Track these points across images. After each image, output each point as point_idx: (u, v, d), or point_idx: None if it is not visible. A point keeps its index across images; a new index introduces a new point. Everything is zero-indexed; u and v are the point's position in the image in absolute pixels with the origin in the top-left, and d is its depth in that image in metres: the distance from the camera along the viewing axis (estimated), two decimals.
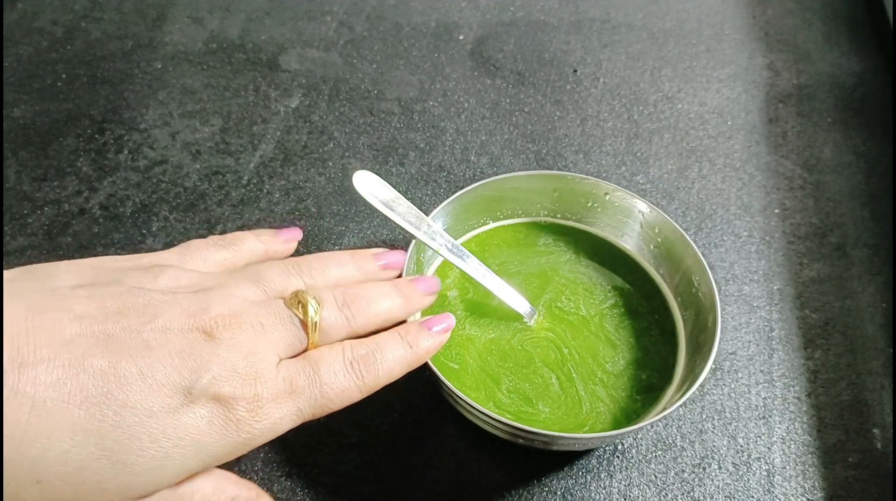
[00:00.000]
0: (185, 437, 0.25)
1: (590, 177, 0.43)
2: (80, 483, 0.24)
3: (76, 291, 0.26)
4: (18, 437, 0.23)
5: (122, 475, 0.25)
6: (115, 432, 0.24)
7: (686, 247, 0.40)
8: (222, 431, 0.26)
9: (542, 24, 0.62)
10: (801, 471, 0.38)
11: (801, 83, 0.58)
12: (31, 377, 0.23)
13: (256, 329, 0.28)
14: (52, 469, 0.24)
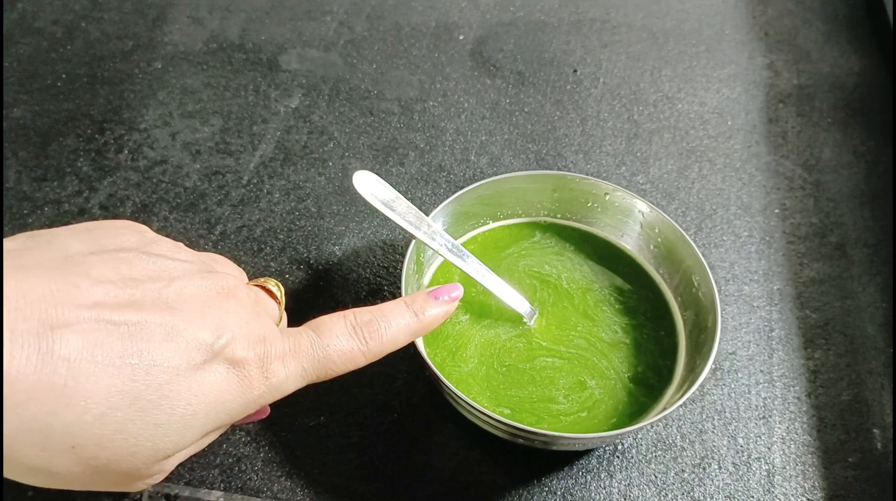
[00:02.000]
0: (209, 394, 0.26)
1: (590, 177, 0.43)
2: (114, 446, 0.24)
3: (89, 257, 0.26)
4: (54, 401, 0.23)
5: (155, 436, 0.25)
6: (148, 391, 0.24)
7: (686, 247, 0.40)
8: (237, 389, 0.27)
9: (542, 24, 0.62)
10: (801, 471, 0.38)
11: (801, 83, 0.58)
12: (64, 340, 0.23)
13: (258, 295, 0.31)
14: (88, 434, 0.23)
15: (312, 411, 0.39)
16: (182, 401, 0.25)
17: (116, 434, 0.24)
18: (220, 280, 0.28)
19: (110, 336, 0.24)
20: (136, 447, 0.25)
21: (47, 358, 0.22)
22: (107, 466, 0.25)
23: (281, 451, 0.38)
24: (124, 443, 0.24)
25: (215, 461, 0.37)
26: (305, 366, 0.29)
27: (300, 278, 0.44)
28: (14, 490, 0.35)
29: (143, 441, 0.25)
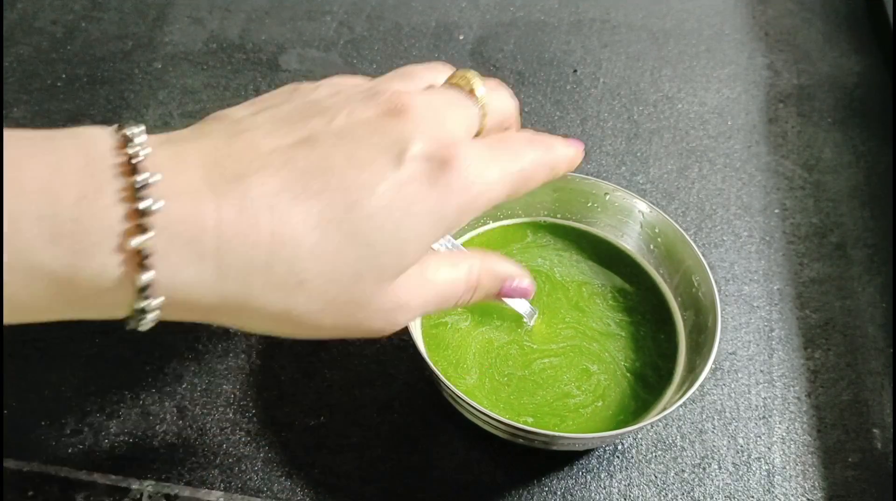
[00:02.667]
0: (411, 205, 0.26)
1: (589, 177, 0.43)
2: (338, 275, 0.25)
3: (255, 117, 0.27)
4: (268, 242, 0.23)
5: (370, 257, 0.25)
6: (349, 214, 0.25)
7: (686, 247, 0.40)
8: (440, 194, 0.26)
9: (542, 24, 0.62)
10: (801, 471, 0.38)
11: (801, 83, 0.58)
12: (257, 186, 0.24)
13: (446, 99, 0.29)
14: (308, 267, 0.24)
15: (312, 411, 0.39)
16: (386, 217, 0.25)
17: (334, 263, 0.25)
18: (387, 99, 0.27)
19: (297, 173, 0.24)
20: (357, 271, 0.25)
21: (248, 206, 0.23)
22: (337, 298, 0.25)
23: (281, 451, 0.38)
24: (346, 269, 0.25)
25: (215, 461, 0.37)
26: (506, 169, 0.28)
27: None
28: (14, 491, 0.36)
29: (363, 264, 0.25)
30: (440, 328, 0.40)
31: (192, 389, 0.40)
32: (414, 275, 0.28)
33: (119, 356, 0.40)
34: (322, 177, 0.25)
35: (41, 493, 0.35)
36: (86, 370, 0.40)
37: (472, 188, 0.27)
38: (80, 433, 0.38)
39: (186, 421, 0.38)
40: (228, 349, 0.41)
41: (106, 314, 0.23)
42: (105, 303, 0.23)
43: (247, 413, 0.39)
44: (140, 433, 0.38)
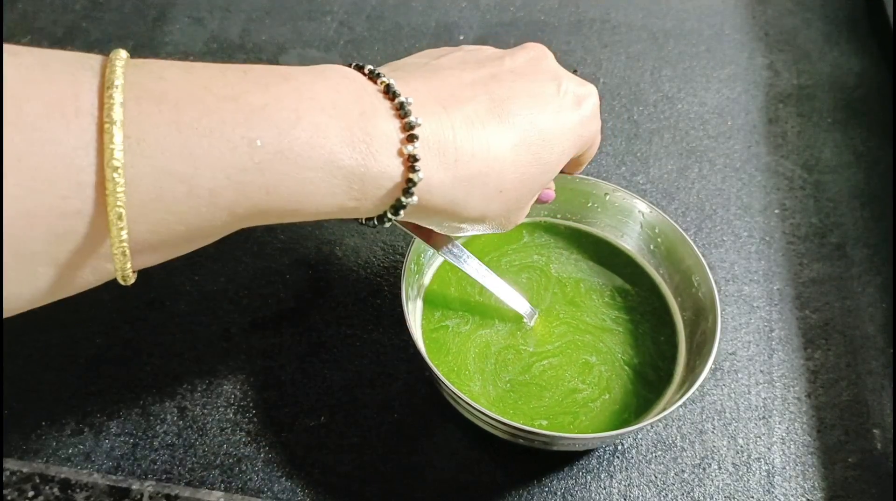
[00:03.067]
0: (568, 132, 0.32)
1: (589, 177, 0.43)
2: (523, 185, 0.31)
3: (441, 60, 0.32)
4: (484, 159, 0.29)
5: (543, 173, 0.31)
6: (536, 138, 0.30)
7: (686, 247, 0.40)
8: (580, 121, 0.33)
9: (542, 24, 0.62)
10: (801, 472, 0.38)
11: (800, 83, 0.58)
12: (471, 109, 0.29)
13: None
14: (509, 179, 0.30)
15: (313, 411, 0.39)
16: (555, 140, 0.31)
17: (523, 176, 0.30)
18: (530, 48, 0.34)
19: (497, 101, 0.30)
20: (533, 183, 0.31)
21: (470, 123, 0.28)
22: (518, 202, 0.31)
23: (281, 451, 0.38)
24: (530, 182, 0.31)
25: (216, 461, 0.37)
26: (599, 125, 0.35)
27: (301, 278, 0.44)
28: (14, 491, 0.36)
29: (537, 177, 0.31)
30: (441, 331, 0.40)
31: (193, 389, 0.40)
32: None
33: (119, 356, 0.40)
34: (515, 103, 0.30)
35: (41, 493, 0.35)
36: (86, 370, 0.40)
37: (594, 123, 0.34)
38: (81, 433, 0.38)
39: (187, 421, 0.38)
40: (229, 350, 0.41)
41: (372, 208, 0.28)
42: (377, 197, 0.27)
43: (247, 414, 0.39)
44: (140, 433, 0.38)
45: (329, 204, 0.26)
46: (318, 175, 0.25)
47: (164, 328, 0.42)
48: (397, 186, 0.27)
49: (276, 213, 0.25)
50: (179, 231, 0.24)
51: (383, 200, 0.27)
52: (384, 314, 0.43)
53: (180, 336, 0.42)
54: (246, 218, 0.25)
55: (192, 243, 0.26)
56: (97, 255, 0.23)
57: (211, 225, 0.24)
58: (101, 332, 0.41)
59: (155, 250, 0.25)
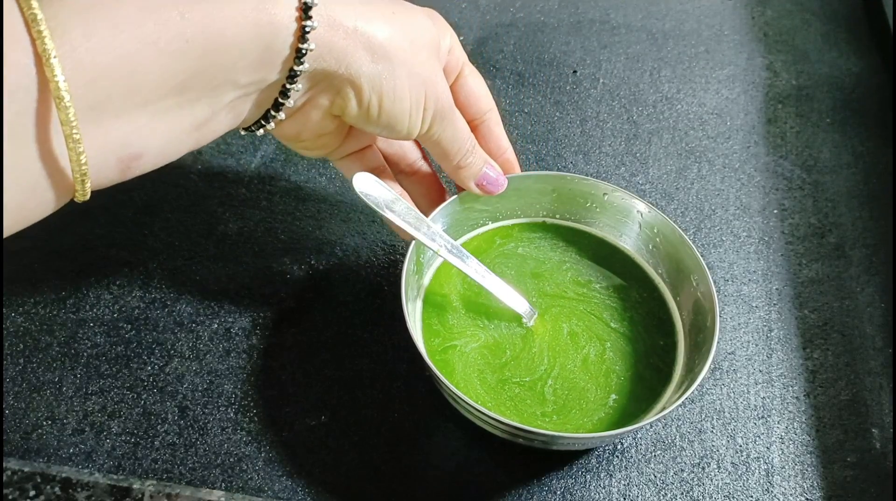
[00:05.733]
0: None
1: (588, 177, 0.43)
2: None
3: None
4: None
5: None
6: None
7: (685, 247, 0.40)
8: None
9: (542, 25, 0.62)
10: (800, 471, 0.38)
11: (799, 84, 0.58)
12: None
13: None
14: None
15: (313, 410, 0.39)
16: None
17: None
18: None
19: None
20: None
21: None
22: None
23: (282, 451, 0.38)
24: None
25: (216, 460, 0.37)
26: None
27: (301, 278, 0.45)
28: (15, 490, 0.36)
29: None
30: (449, 352, 0.40)
31: (194, 389, 0.40)
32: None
33: (120, 356, 0.41)
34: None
35: (42, 493, 0.36)
36: (86, 370, 0.40)
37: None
38: (82, 432, 0.38)
39: (188, 421, 0.39)
40: (230, 349, 0.41)
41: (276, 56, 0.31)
42: (277, 39, 0.30)
43: (248, 413, 0.39)
44: (141, 432, 0.38)
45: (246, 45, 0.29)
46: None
47: (165, 328, 0.42)
48: (294, 24, 0.30)
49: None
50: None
51: (285, 44, 0.30)
52: (384, 314, 0.43)
53: (181, 336, 0.42)
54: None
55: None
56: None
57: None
58: (101, 332, 0.41)
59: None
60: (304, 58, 0.31)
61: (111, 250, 0.45)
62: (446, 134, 0.38)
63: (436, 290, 0.42)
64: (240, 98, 0.31)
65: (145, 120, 0.28)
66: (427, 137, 0.37)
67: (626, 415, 0.37)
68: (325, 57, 0.32)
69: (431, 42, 0.36)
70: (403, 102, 0.35)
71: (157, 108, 0.28)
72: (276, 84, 0.32)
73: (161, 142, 0.30)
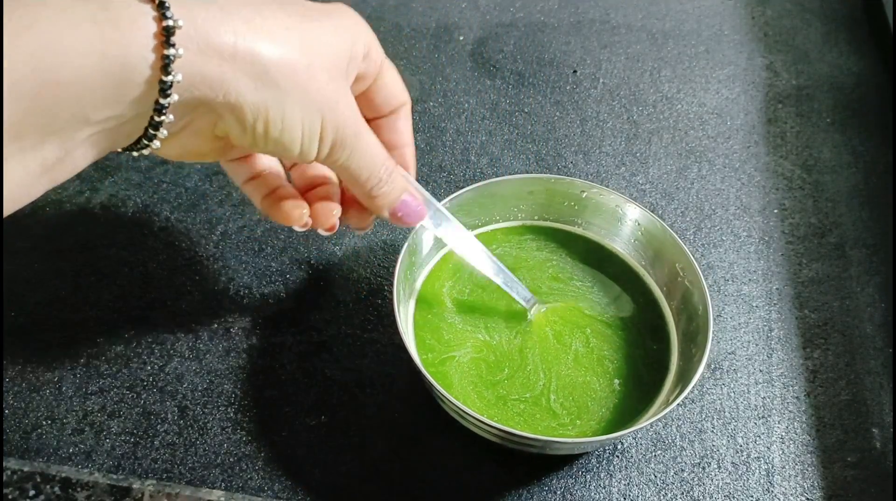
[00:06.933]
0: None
1: (565, 177, 0.43)
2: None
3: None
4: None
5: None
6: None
7: (665, 235, 0.41)
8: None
9: (542, 24, 0.62)
10: (801, 471, 0.38)
11: (799, 84, 0.58)
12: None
13: None
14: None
15: (313, 410, 0.39)
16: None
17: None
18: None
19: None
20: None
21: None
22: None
23: (282, 451, 0.38)
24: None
25: (216, 460, 0.37)
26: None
27: (301, 278, 0.45)
28: (15, 490, 0.36)
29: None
30: (446, 364, 0.39)
31: (194, 389, 0.40)
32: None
33: (120, 356, 0.41)
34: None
35: (42, 493, 0.36)
36: (86, 369, 0.40)
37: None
38: (82, 432, 0.38)
39: (187, 421, 0.38)
40: (229, 349, 0.41)
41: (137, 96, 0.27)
42: (135, 72, 0.26)
43: (248, 413, 0.39)
44: (141, 432, 0.38)
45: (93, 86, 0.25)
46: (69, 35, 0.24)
47: (165, 328, 0.42)
48: (155, 49, 0.26)
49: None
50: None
51: (144, 78, 0.26)
52: (384, 314, 0.43)
53: (181, 336, 0.42)
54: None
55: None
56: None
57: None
58: (101, 332, 0.41)
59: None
60: (169, 90, 0.27)
61: (111, 250, 0.45)
62: (352, 162, 0.33)
63: (429, 291, 0.42)
64: (99, 133, 0.27)
65: None
66: (329, 163, 0.33)
67: (624, 416, 0.37)
68: (198, 86, 0.27)
69: (336, 59, 0.31)
70: (294, 132, 0.30)
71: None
72: (143, 116, 0.28)
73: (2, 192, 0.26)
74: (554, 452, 0.37)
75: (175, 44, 0.26)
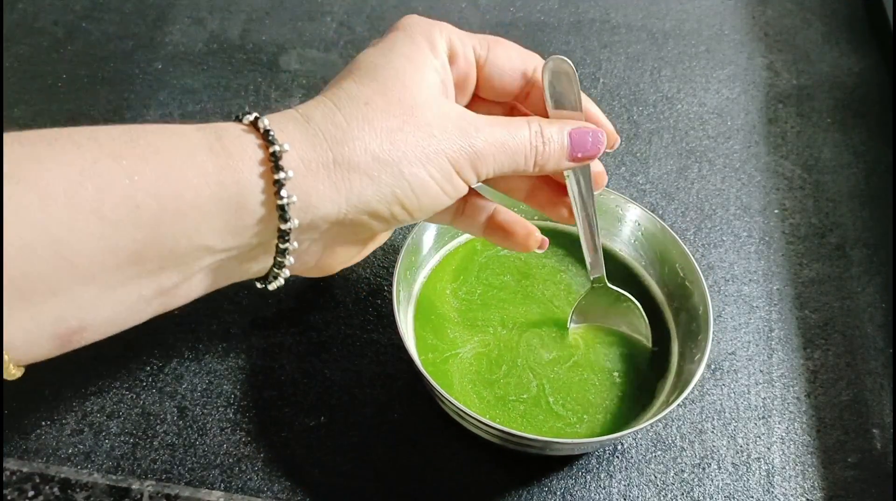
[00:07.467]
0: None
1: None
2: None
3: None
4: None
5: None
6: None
7: (665, 235, 0.41)
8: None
9: (542, 24, 0.62)
10: (801, 471, 0.38)
11: (800, 84, 0.58)
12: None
13: None
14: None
15: (313, 411, 0.39)
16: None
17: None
18: None
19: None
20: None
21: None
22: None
23: (281, 451, 0.38)
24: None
25: (216, 461, 0.37)
26: None
27: (301, 278, 0.44)
28: (14, 491, 0.36)
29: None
30: (447, 363, 0.39)
31: (193, 389, 0.40)
32: None
33: (119, 356, 0.40)
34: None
35: (41, 493, 0.36)
36: (86, 370, 0.40)
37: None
38: (81, 433, 0.38)
39: (187, 421, 0.38)
40: (229, 349, 0.41)
41: (254, 238, 0.28)
42: (253, 217, 0.27)
43: (247, 413, 0.39)
44: (140, 433, 0.38)
45: (207, 240, 0.26)
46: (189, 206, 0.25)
47: (165, 328, 0.42)
48: (268, 200, 0.26)
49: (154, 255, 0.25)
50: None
51: (263, 223, 0.27)
52: (384, 314, 0.43)
53: (180, 336, 0.42)
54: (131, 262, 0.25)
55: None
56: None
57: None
58: None
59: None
60: (288, 214, 0.26)
61: None
62: (501, 162, 0.31)
63: (429, 293, 0.42)
64: (222, 262, 0.27)
65: (90, 295, 0.25)
66: (488, 180, 0.32)
67: (626, 414, 0.37)
68: (316, 205, 0.27)
69: (424, 88, 0.30)
70: (430, 189, 0.29)
71: (106, 282, 0.25)
72: (268, 244, 0.28)
73: (110, 314, 0.26)
74: (554, 453, 0.37)
75: (284, 167, 0.26)
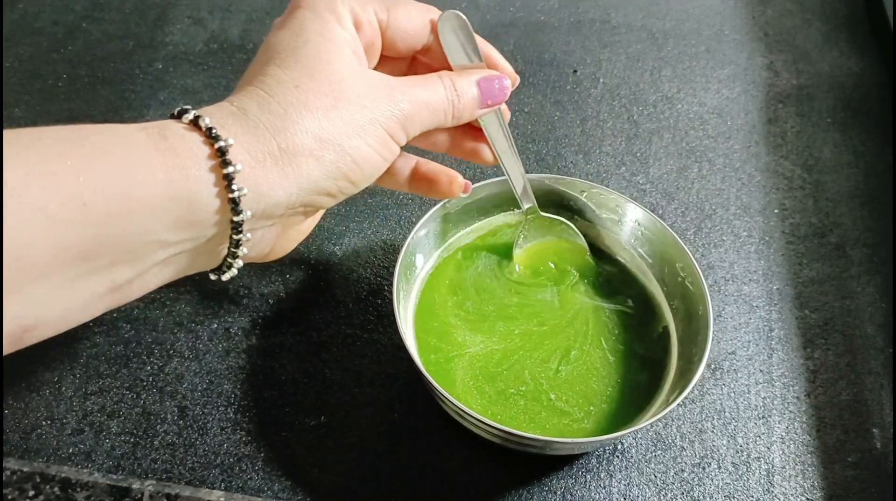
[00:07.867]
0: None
1: (565, 177, 0.43)
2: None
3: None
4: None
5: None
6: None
7: (666, 235, 0.41)
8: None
9: (542, 24, 0.62)
10: (801, 471, 0.38)
11: (800, 83, 0.58)
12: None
13: None
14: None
15: (313, 410, 0.39)
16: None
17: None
18: None
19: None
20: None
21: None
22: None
23: (281, 451, 0.38)
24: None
25: (216, 460, 0.37)
26: None
27: (301, 277, 0.45)
28: (15, 490, 0.36)
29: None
30: (447, 363, 0.39)
31: (193, 389, 0.40)
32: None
33: (119, 356, 0.41)
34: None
35: (41, 493, 0.36)
36: (86, 370, 0.40)
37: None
38: (81, 432, 0.38)
39: (187, 421, 0.38)
40: (229, 349, 0.41)
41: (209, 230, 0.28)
42: (206, 211, 0.28)
43: (247, 413, 0.39)
44: (141, 432, 0.38)
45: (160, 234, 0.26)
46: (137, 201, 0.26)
47: (165, 328, 0.42)
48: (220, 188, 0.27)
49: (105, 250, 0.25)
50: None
51: (216, 216, 0.28)
52: (384, 314, 0.43)
53: (180, 336, 0.42)
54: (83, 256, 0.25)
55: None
56: None
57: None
58: (101, 332, 0.41)
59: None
60: (240, 206, 0.27)
61: None
62: (425, 121, 0.33)
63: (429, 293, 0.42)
64: (176, 255, 0.28)
65: (42, 293, 0.25)
66: (414, 138, 0.34)
67: (627, 413, 0.37)
68: (268, 193, 0.28)
69: (345, 63, 0.31)
70: (370, 158, 0.31)
71: (59, 279, 0.25)
72: (221, 236, 0.29)
73: (62, 311, 0.27)
74: (554, 452, 0.37)
75: (231, 161, 0.27)
